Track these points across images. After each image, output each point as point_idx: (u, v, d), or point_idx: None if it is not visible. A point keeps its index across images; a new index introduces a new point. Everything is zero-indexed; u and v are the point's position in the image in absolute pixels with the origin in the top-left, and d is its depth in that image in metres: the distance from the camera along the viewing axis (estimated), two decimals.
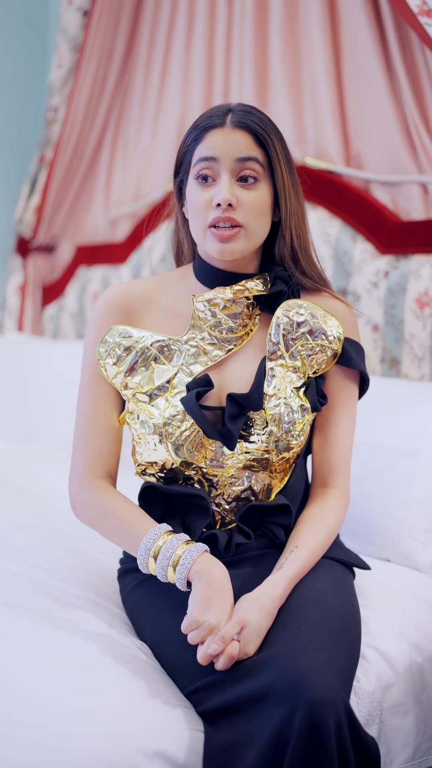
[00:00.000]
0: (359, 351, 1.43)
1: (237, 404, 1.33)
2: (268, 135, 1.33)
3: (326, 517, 1.39)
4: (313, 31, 2.27)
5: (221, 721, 1.15)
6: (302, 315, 1.38)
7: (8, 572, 1.51)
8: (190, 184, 1.36)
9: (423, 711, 1.40)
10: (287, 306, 1.39)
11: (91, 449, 1.39)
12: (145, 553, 1.27)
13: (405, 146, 2.09)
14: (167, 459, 1.33)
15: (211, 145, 1.32)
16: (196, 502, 1.33)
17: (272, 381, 1.35)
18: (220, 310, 1.37)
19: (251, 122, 1.33)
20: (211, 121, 1.34)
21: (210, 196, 1.32)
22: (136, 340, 1.37)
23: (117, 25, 2.92)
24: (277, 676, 1.10)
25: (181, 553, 1.24)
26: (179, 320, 1.40)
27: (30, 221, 3.27)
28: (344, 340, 1.40)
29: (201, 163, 1.33)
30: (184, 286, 1.43)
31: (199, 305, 1.37)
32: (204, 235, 1.34)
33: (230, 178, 1.32)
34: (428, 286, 1.97)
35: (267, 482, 1.36)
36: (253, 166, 1.32)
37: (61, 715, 1.10)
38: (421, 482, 1.70)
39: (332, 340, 1.39)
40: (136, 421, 1.34)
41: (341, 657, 1.18)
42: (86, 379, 1.41)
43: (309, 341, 1.38)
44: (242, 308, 1.38)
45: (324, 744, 1.06)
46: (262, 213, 1.34)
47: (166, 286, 1.43)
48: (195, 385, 1.33)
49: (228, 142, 1.32)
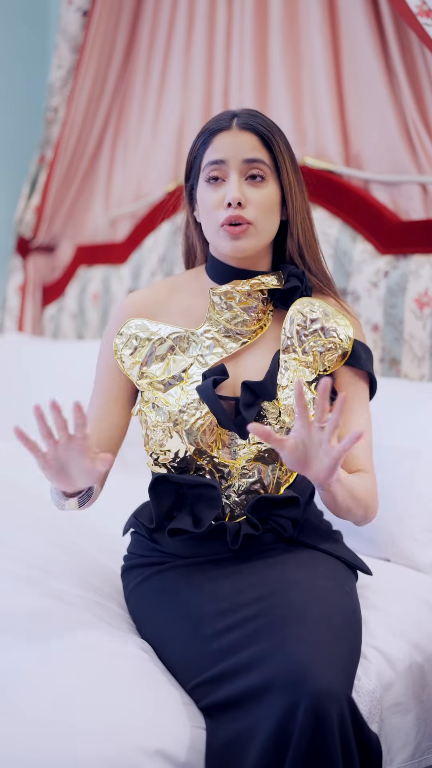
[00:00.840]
0: (368, 354, 1.46)
1: (251, 392, 1.36)
2: (273, 136, 1.39)
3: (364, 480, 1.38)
4: (312, 31, 2.27)
5: (224, 716, 1.15)
6: (315, 312, 1.42)
7: (7, 572, 1.51)
8: (200, 187, 1.41)
9: (423, 710, 1.40)
10: (301, 303, 1.43)
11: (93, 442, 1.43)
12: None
13: (405, 146, 2.09)
14: (180, 447, 1.35)
15: (219, 148, 1.37)
16: (206, 492, 1.35)
17: (285, 373, 1.39)
18: (236, 303, 1.41)
19: (257, 124, 1.38)
20: (218, 125, 1.39)
21: (220, 197, 1.37)
22: (152, 332, 1.42)
23: (117, 25, 2.92)
24: (279, 669, 1.11)
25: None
26: (193, 318, 1.44)
27: (30, 221, 3.28)
28: (354, 341, 1.43)
29: (210, 166, 1.38)
30: (198, 285, 1.47)
31: (216, 298, 1.41)
32: (216, 233, 1.38)
33: (239, 178, 1.37)
34: (428, 286, 1.97)
35: (277, 475, 1.38)
36: (260, 166, 1.37)
37: (62, 713, 1.10)
38: (421, 482, 1.70)
39: (343, 339, 1.42)
40: (151, 409, 1.38)
41: (343, 652, 1.19)
42: (98, 378, 1.47)
43: (321, 338, 1.42)
44: (257, 302, 1.42)
45: (327, 736, 1.07)
46: (270, 210, 1.38)
47: (180, 287, 1.48)
48: (211, 373, 1.37)
49: (235, 143, 1.37)
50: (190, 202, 1.47)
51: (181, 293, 1.47)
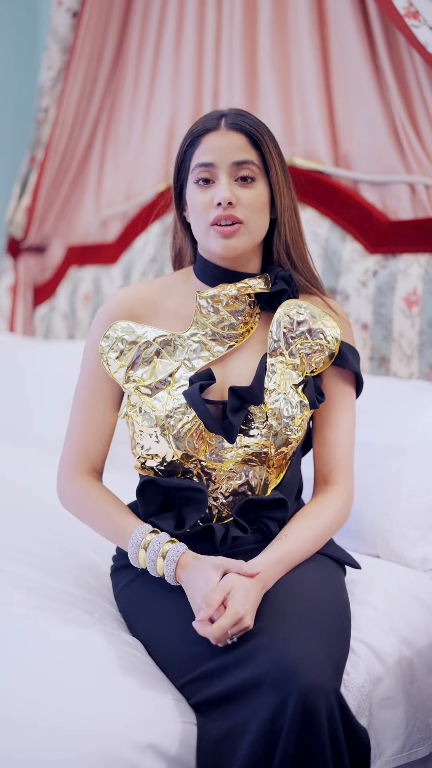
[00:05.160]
0: (355, 354, 1.46)
1: (238, 397, 1.36)
2: (261, 136, 1.38)
3: (323, 512, 1.41)
4: (301, 32, 2.28)
5: (215, 712, 1.16)
6: (302, 314, 1.43)
7: (2, 571, 1.52)
8: (190, 188, 1.40)
9: (412, 704, 1.42)
10: (288, 305, 1.42)
11: (79, 448, 1.45)
12: (135, 546, 1.32)
13: (393, 146, 2.10)
14: (168, 451, 1.35)
15: (207, 150, 1.37)
16: (193, 495, 1.35)
17: (273, 377, 1.39)
18: (223, 306, 1.40)
19: (245, 124, 1.38)
20: (206, 125, 1.38)
21: (210, 197, 1.36)
22: (138, 335, 1.41)
23: (107, 26, 2.93)
24: (270, 664, 1.12)
25: (168, 548, 1.29)
26: (182, 321, 1.43)
27: (21, 222, 3.28)
28: (341, 343, 1.43)
29: (199, 168, 1.37)
30: (187, 287, 1.46)
31: (203, 301, 1.40)
32: (207, 233, 1.38)
33: (228, 179, 1.36)
34: (416, 285, 1.99)
35: (264, 477, 1.39)
36: (249, 167, 1.37)
37: (55, 710, 1.11)
38: (409, 479, 1.71)
39: (330, 341, 1.43)
40: (138, 413, 1.37)
41: (332, 646, 1.20)
42: (84, 380, 1.45)
43: (308, 340, 1.42)
44: (244, 306, 1.42)
45: (316, 730, 1.08)
46: (260, 210, 1.38)
47: (170, 289, 1.47)
48: (198, 378, 1.36)
49: (224, 144, 1.36)
50: (178, 202, 1.47)
51: (173, 296, 1.46)
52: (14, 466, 2.35)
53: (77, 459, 1.45)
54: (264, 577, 1.26)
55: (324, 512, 1.41)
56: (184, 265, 1.53)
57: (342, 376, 1.46)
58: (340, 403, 1.46)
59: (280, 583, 1.29)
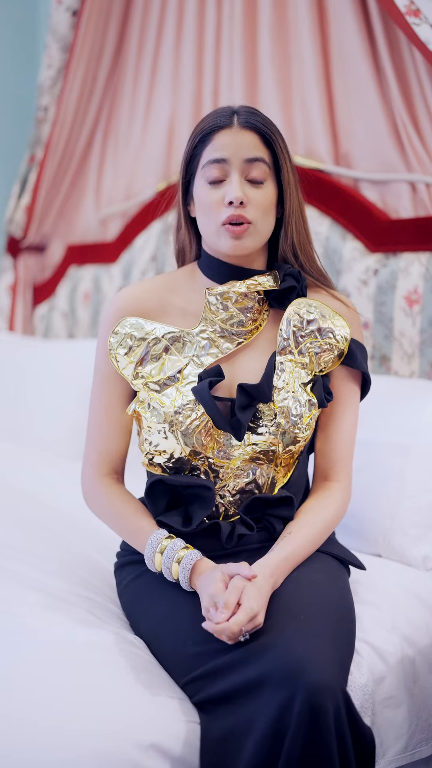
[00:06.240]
0: (363, 352, 1.46)
1: (247, 395, 1.36)
2: (273, 135, 1.38)
3: (324, 508, 1.41)
4: (302, 30, 2.28)
5: (219, 710, 1.16)
6: (312, 313, 1.42)
7: (3, 570, 1.51)
8: (199, 185, 1.39)
9: (415, 703, 1.41)
10: (298, 303, 1.42)
11: (99, 450, 1.46)
12: (152, 551, 1.33)
13: (393, 145, 2.10)
14: (176, 448, 1.35)
15: (220, 146, 1.36)
16: (201, 493, 1.35)
17: (281, 375, 1.39)
18: (232, 303, 1.40)
19: (258, 123, 1.37)
20: (218, 122, 1.37)
21: (221, 195, 1.36)
22: (147, 331, 1.40)
23: (107, 24, 2.92)
24: (275, 662, 1.12)
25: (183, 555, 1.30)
26: (190, 317, 1.43)
27: (20, 221, 3.27)
28: (351, 341, 1.43)
29: (211, 164, 1.36)
30: (193, 284, 1.46)
31: (212, 298, 1.40)
32: (217, 232, 1.37)
33: (240, 177, 1.36)
34: (417, 283, 1.99)
35: (271, 476, 1.39)
36: (261, 166, 1.36)
37: (55, 709, 1.11)
38: (411, 478, 1.71)
39: (339, 340, 1.43)
40: (146, 410, 1.37)
41: (338, 646, 1.20)
42: (98, 380, 1.46)
43: (318, 339, 1.42)
44: (253, 303, 1.42)
45: (324, 729, 1.07)
46: (269, 210, 1.38)
47: (178, 286, 1.46)
48: (207, 375, 1.36)
49: (236, 142, 1.36)
50: (184, 197, 1.45)
51: (180, 293, 1.45)
52: (14, 465, 2.34)
53: (98, 459, 1.46)
54: (274, 576, 1.27)
55: (325, 509, 1.41)
56: (188, 259, 1.52)
57: (350, 375, 1.46)
58: (345, 401, 1.46)
59: (287, 583, 1.29)
